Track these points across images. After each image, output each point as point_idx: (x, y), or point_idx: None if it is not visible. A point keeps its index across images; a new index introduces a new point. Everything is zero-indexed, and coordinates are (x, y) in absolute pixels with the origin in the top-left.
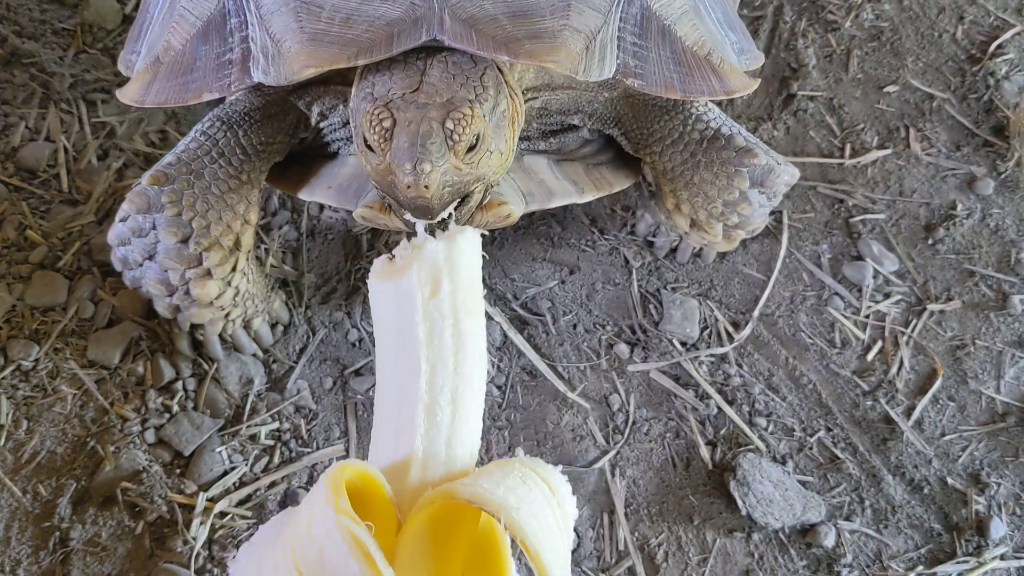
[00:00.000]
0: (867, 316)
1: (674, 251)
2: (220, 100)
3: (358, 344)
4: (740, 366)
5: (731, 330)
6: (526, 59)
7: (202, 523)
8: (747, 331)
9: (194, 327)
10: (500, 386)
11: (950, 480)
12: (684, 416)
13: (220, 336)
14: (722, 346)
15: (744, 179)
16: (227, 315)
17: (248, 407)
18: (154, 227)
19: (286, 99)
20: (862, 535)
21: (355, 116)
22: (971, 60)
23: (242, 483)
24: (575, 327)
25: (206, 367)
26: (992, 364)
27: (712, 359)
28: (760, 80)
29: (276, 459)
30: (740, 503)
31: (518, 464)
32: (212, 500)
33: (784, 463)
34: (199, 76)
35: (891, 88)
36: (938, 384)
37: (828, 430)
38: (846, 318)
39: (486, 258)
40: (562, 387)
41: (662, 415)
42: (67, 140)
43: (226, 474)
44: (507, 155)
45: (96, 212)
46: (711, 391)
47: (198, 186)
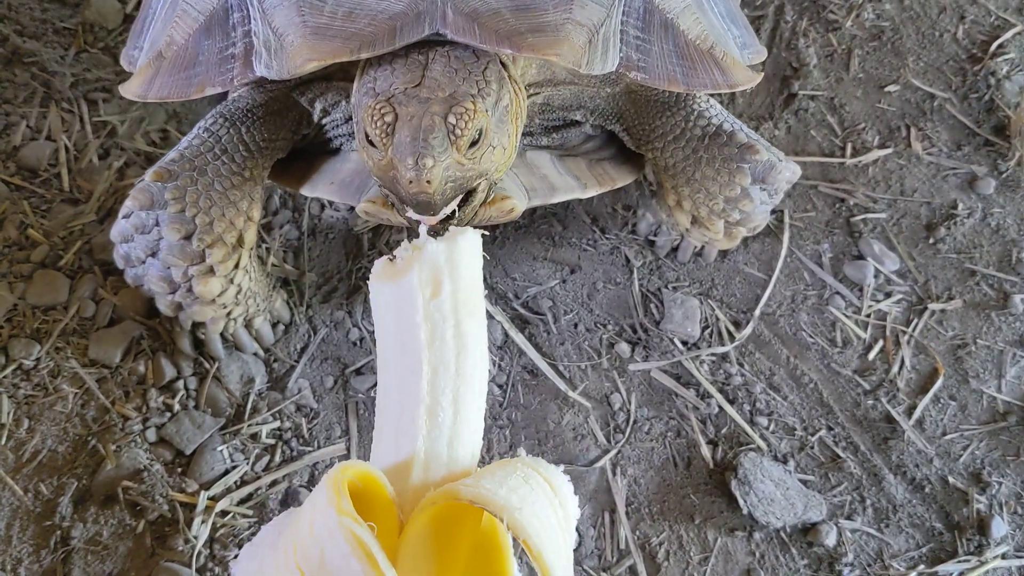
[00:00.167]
0: (868, 315)
1: (675, 250)
2: (223, 97)
3: (359, 343)
4: (741, 365)
5: (732, 329)
6: (529, 52)
7: (203, 522)
8: (748, 330)
9: (195, 326)
10: (501, 385)
11: (951, 479)
12: (685, 415)
13: (221, 335)
14: (723, 345)
15: (746, 175)
16: (229, 313)
17: (249, 406)
18: (157, 223)
19: (289, 95)
20: (863, 534)
21: (357, 111)
22: (972, 60)
23: (243, 482)
24: (576, 326)
25: (207, 366)
26: (993, 363)
27: (713, 358)
28: (763, 74)
29: (277, 458)
30: (741, 502)
31: (520, 464)
32: (213, 499)
33: (785, 462)
34: (202, 70)
35: (892, 87)
36: (939, 383)
37: (829, 429)
38: (847, 317)
39: (487, 258)
40: (563, 386)
41: (663, 414)
42: (68, 139)
43: (227, 473)
44: (510, 151)
45: (97, 211)
46: (712, 390)
47: (201, 182)
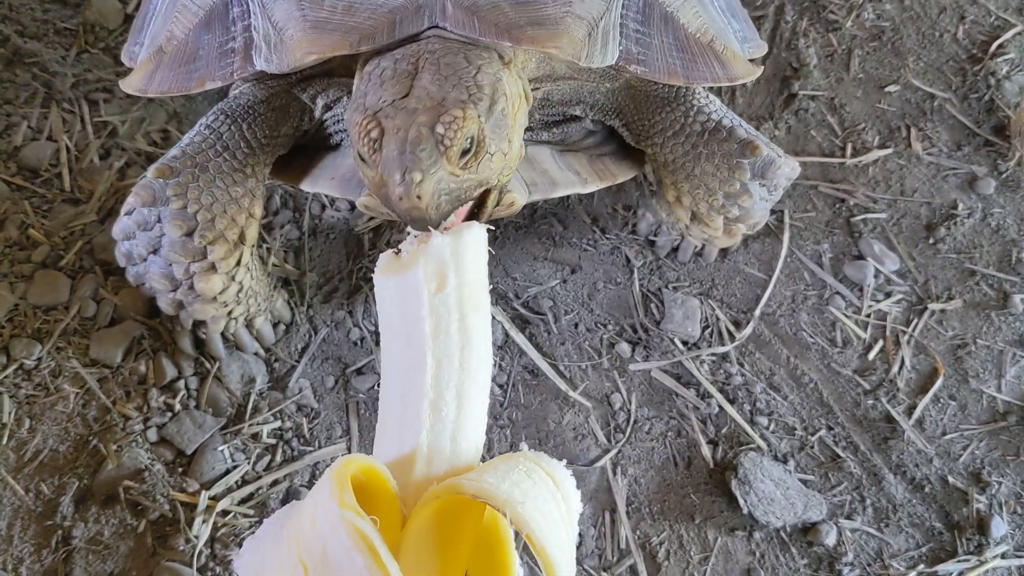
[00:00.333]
0: (868, 315)
1: (675, 250)
2: (224, 94)
3: (360, 343)
4: (741, 365)
5: (732, 329)
6: (528, 45)
7: (204, 521)
8: (748, 330)
9: (196, 326)
10: (502, 385)
11: (951, 479)
12: (685, 415)
13: (222, 335)
14: (723, 345)
15: (745, 171)
16: (230, 313)
17: (250, 406)
18: (159, 220)
19: (290, 92)
20: (863, 534)
21: (349, 129)
22: (972, 60)
23: (244, 482)
24: (576, 326)
25: (208, 366)
26: (993, 363)
27: (713, 358)
28: (763, 68)
29: (278, 458)
30: (741, 502)
31: (522, 459)
32: (214, 499)
33: (785, 462)
34: (202, 65)
35: (892, 88)
36: (939, 383)
37: (829, 429)
38: (847, 317)
39: (492, 253)
40: (564, 386)
41: (663, 414)
42: (69, 139)
43: (228, 473)
44: (512, 155)
45: (98, 211)
46: (712, 390)
47: (203, 179)
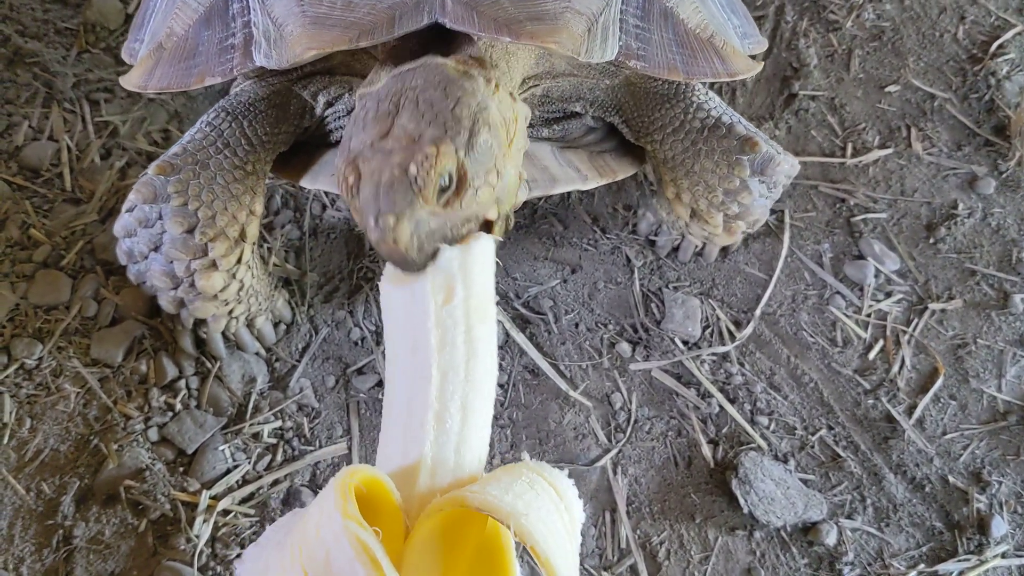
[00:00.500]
0: (868, 315)
1: (676, 250)
2: (225, 92)
3: (360, 343)
4: (742, 365)
5: (733, 329)
6: (527, 40)
7: (205, 521)
8: (749, 330)
9: (197, 325)
10: (502, 385)
11: (951, 478)
12: (686, 415)
13: (223, 334)
14: (724, 345)
15: (745, 168)
16: (231, 312)
17: (251, 405)
18: (160, 217)
19: (291, 89)
20: (864, 533)
21: (335, 174)
22: (972, 60)
23: (245, 481)
24: (577, 326)
25: (209, 365)
26: (993, 363)
27: (714, 358)
28: (763, 63)
29: (279, 457)
30: (742, 501)
31: (525, 469)
32: (215, 498)
33: (786, 461)
34: (202, 61)
35: (892, 88)
36: (939, 383)
37: (830, 429)
38: (848, 317)
39: (499, 263)
40: (564, 386)
41: (664, 414)
42: (70, 139)
43: (229, 472)
44: (506, 186)
45: (99, 211)
46: (713, 390)
47: (204, 176)
